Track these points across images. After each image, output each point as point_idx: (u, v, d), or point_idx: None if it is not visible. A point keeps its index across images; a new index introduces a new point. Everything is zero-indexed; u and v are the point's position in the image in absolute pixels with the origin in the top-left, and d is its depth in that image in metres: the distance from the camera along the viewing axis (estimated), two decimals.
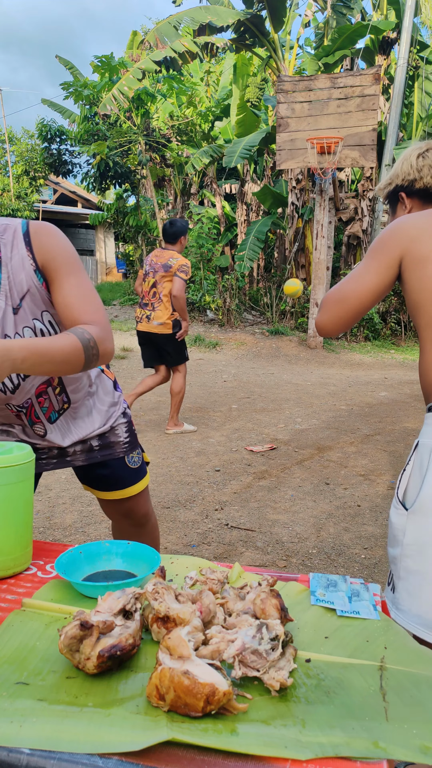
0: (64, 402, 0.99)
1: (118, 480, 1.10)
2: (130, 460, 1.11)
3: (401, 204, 0.98)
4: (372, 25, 7.59)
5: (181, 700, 0.49)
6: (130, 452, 1.11)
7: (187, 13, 7.93)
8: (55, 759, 0.45)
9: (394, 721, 0.51)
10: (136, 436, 1.13)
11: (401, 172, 0.96)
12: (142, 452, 1.15)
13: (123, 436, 1.10)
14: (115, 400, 1.09)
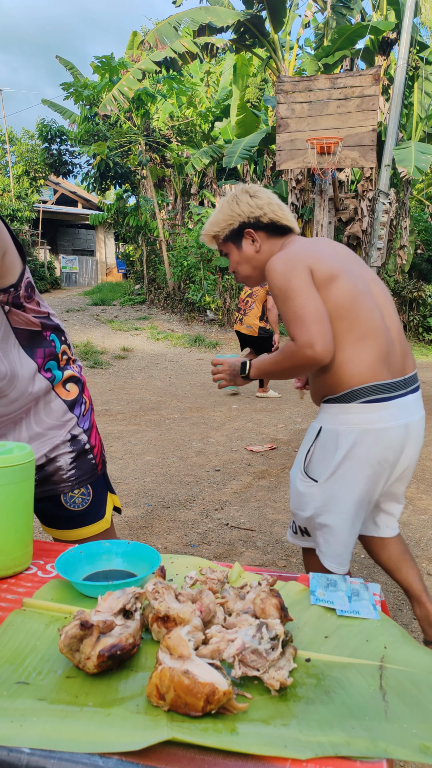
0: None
1: (56, 519, 0.92)
2: (67, 500, 0.90)
3: (248, 239, 1.18)
4: (372, 26, 7.59)
5: (181, 700, 0.49)
6: (70, 489, 0.90)
7: (187, 13, 7.93)
8: (55, 758, 0.46)
9: (393, 720, 0.51)
10: (90, 471, 0.92)
11: (243, 212, 1.16)
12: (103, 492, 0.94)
13: (66, 468, 0.89)
14: (61, 422, 0.89)
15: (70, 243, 17.38)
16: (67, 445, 0.90)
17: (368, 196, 8.23)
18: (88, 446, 0.93)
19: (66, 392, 0.90)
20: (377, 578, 1.93)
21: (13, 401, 0.84)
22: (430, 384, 5.75)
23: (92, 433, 0.94)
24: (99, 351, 6.79)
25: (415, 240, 9.47)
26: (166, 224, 10.01)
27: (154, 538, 2.16)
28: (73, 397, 0.91)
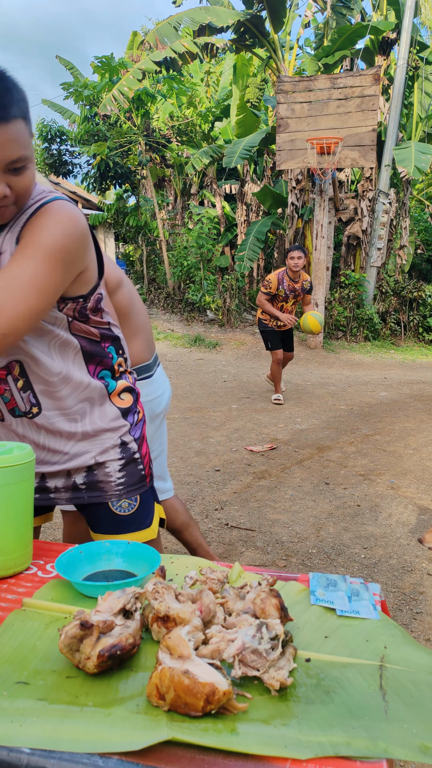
0: (33, 404, 0.84)
1: (102, 523, 0.92)
2: (116, 506, 0.90)
3: None
4: (372, 26, 7.60)
5: (181, 700, 0.49)
6: (119, 498, 0.90)
7: (187, 13, 7.93)
8: (55, 758, 0.46)
9: (393, 720, 0.51)
10: (139, 481, 0.92)
11: None
12: (151, 503, 0.94)
13: (115, 476, 0.90)
14: (113, 427, 0.89)
15: None
16: (117, 450, 0.90)
17: (368, 196, 8.23)
18: (137, 456, 0.92)
19: (120, 401, 0.92)
20: (377, 578, 1.93)
21: (62, 395, 0.86)
22: (430, 384, 5.75)
23: (143, 444, 0.94)
24: None
25: (415, 240, 9.48)
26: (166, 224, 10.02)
27: None
28: (127, 406, 0.92)
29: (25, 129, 0.69)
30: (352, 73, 6.90)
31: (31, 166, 0.71)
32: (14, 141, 0.67)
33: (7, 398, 0.85)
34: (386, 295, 8.47)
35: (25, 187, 0.72)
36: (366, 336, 8.18)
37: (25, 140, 0.68)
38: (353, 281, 7.99)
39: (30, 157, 0.70)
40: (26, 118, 0.69)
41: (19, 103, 0.68)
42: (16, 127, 0.67)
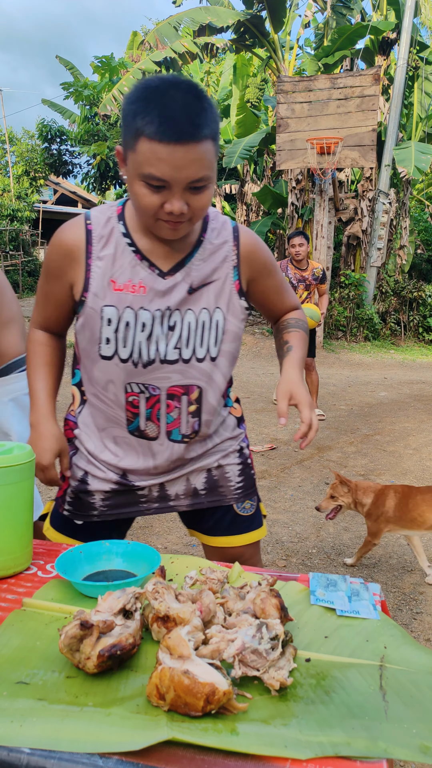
0: (195, 430, 0.84)
1: (226, 527, 0.93)
2: (240, 508, 0.93)
3: None
4: (372, 26, 7.60)
5: (181, 700, 0.49)
6: (242, 500, 0.93)
7: (187, 13, 7.93)
8: (55, 758, 0.46)
9: (393, 720, 0.51)
10: (253, 483, 0.95)
11: None
12: (259, 502, 0.97)
13: (235, 480, 0.92)
14: (234, 435, 0.93)
15: None
16: (236, 456, 0.93)
17: (368, 196, 8.23)
18: (249, 460, 0.96)
19: (235, 410, 0.95)
20: (377, 578, 1.93)
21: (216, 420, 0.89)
22: (430, 384, 5.76)
23: (249, 450, 0.99)
24: None
25: (415, 240, 9.48)
26: None
27: (154, 538, 2.16)
28: (240, 414, 0.96)
29: (212, 150, 0.68)
30: (352, 73, 6.90)
31: (211, 186, 0.71)
32: (200, 161, 0.67)
33: (172, 417, 0.83)
34: (386, 295, 8.47)
35: (202, 206, 0.71)
36: (366, 336, 8.18)
37: (210, 161, 0.68)
38: (353, 281, 7.99)
39: (212, 177, 0.70)
40: (215, 139, 0.69)
41: (211, 123, 0.67)
42: (204, 147, 0.67)
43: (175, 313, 0.79)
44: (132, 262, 0.78)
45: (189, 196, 0.69)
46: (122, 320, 0.78)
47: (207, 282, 0.80)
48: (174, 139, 0.65)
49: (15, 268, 10.60)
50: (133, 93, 0.68)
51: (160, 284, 0.78)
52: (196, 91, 0.67)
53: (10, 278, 10.69)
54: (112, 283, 0.78)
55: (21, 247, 11.13)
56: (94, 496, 0.88)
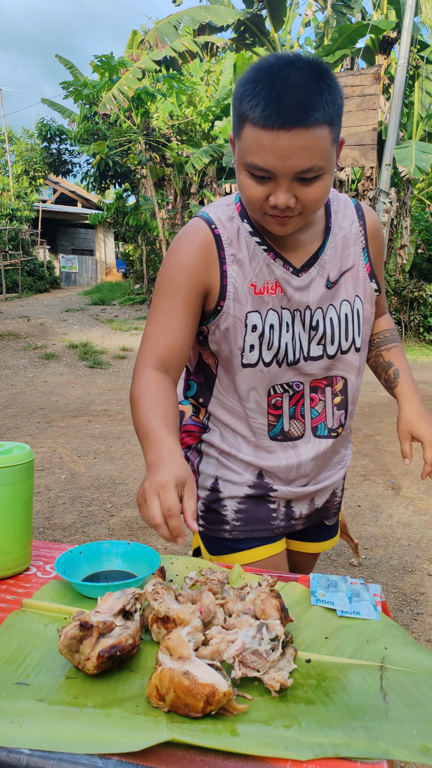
0: (341, 424, 0.79)
1: (317, 536, 0.90)
2: (329, 519, 0.90)
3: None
4: (372, 25, 7.59)
5: (181, 701, 0.49)
6: (336, 515, 0.90)
7: (187, 12, 7.93)
8: (54, 759, 0.45)
9: (394, 721, 0.50)
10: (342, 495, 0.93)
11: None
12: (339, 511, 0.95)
13: (339, 494, 0.89)
14: (350, 441, 0.89)
15: (69, 242, 17.38)
16: (344, 469, 0.89)
17: (369, 195, 8.23)
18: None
19: None
20: (378, 579, 1.93)
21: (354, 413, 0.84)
22: (430, 384, 5.75)
23: None
24: (99, 351, 6.79)
25: (415, 239, 9.47)
26: (165, 223, 10.01)
27: (154, 538, 2.16)
28: None
29: (326, 136, 0.60)
30: (352, 72, 6.89)
31: (326, 176, 0.63)
32: (310, 149, 0.59)
33: (317, 412, 0.78)
34: (387, 294, 8.46)
35: (313, 200, 0.63)
36: None
37: (323, 149, 0.60)
38: None
39: (326, 167, 0.61)
40: (333, 124, 0.61)
41: (327, 106, 0.59)
42: (316, 133, 0.59)
43: (316, 312, 0.74)
44: (266, 261, 0.72)
45: (297, 188, 0.62)
46: (266, 323, 0.72)
47: (344, 271, 0.75)
48: (278, 125, 0.57)
49: (14, 268, 10.60)
50: (245, 74, 0.61)
51: (295, 281, 0.73)
52: (314, 69, 0.59)
53: (10, 278, 10.70)
54: (252, 287, 0.72)
55: (20, 246, 11.13)
56: (227, 507, 0.81)
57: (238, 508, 0.81)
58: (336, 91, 0.62)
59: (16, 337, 7.04)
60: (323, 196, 0.64)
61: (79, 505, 2.45)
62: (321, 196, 0.63)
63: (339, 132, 0.64)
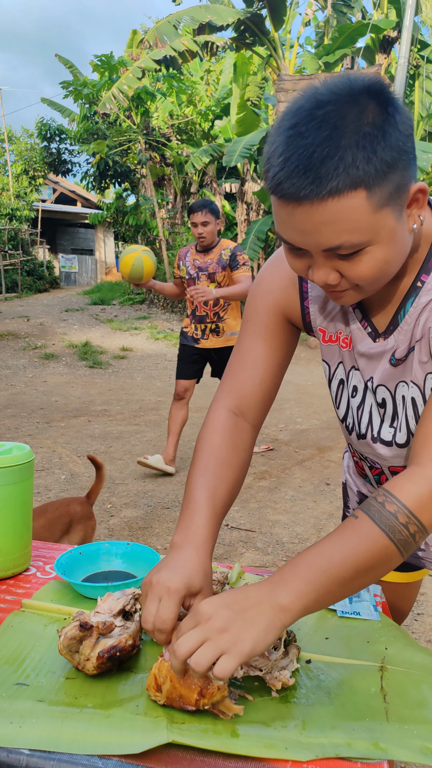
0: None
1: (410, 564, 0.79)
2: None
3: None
4: (372, 24, 7.58)
5: (177, 692, 0.49)
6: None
7: (187, 12, 7.92)
8: (54, 760, 0.45)
9: (394, 721, 0.50)
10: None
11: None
12: None
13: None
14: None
15: (69, 242, 17.36)
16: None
17: None
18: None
19: None
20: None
21: None
22: None
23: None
24: (98, 351, 6.79)
25: None
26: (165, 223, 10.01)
27: (154, 538, 2.16)
28: None
29: (361, 206, 0.45)
30: (352, 71, 6.87)
31: (375, 249, 0.47)
32: (332, 224, 0.45)
33: None
34: None
35: (362, 277, 0.49)
36: None
37: (355, 221, 0.45)
38: None
39: (366, 241, 0.46)
40: (370, 185, 0.44)
41: (357, 166, 0.43)
42: (339, 205, 0.44)
43: (379, 389, 0.60)
44: (343, 310, 0.60)
45: (339, 264, 0.49)
46: (336, 377, 0.63)
47: (415, 342, 0.56)
48: (287, 198, 0.45)
49: (14, 268, 10.59)
50: (273, 127, 0.49)
51: (367, 345, 0.59)
52: (344, 115, 0.44)
53: (9, 278, 10.69)
54: (321, 333, 0.62)
55: (20, 246, 11.12)
56: (350, 512, 0.80)
57: None
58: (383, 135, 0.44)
59: (15, 337, 7.04)
60: (378, 271, 0.49)
61: None
62: (372, 272, 0.49)
63: (396, 187, 0.46)
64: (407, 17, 7.48)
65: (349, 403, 0.63)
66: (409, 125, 0.47)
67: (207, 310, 2.66)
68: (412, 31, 7.58)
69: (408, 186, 0.48)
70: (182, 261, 2.69)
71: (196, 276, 2.64)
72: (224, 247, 2.63)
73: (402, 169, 0.46)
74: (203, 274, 2.62)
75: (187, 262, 2.67)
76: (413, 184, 0.48)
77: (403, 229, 0.49)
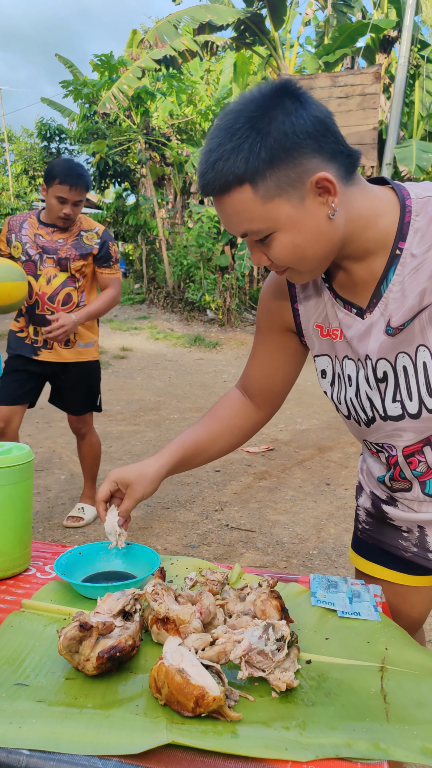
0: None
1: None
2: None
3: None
4: (373, 24, 7.58)
5: (174, 697, 0.49)
6: None
7: (187, 11, 7.92)
8: (54, 760, 0.45)
9: (394, 722, 0.50)
10: None
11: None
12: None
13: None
14: None
15: None
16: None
17: None
18: None
19: None
20: None
21: None
22: None
23: None
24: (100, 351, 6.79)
25: None
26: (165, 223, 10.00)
27: (154, 539, 2.16)
28: None
29: (248, 198, 0.52)
30: (353, 71, 6.89)
31: (281, 235, 0.54)
32: (234, 215, 0.54)
33: (419, 472, 0.66)
34: None
35: (280, 259, 0.55)
36: None
37: (249, 212, 0.52)
38: None
39: (267, 228, 0.53)
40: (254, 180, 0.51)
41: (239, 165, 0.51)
42: (234, 199, 0.52)
43: (379, 362, 0.61)
44: (330, 302, 0.63)
45: (263, 249, 0.56)
46: (335, 372, 0.66)
47: (415, 314, 0.57)
48: (205, 196, 0.55)
49: None
50: None
51: (358, 325, 0.61)
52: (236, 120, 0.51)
53: None
54: (318, 329, 0.66)
55: None
56: (360, 509, 0.78)
57: (364, 519, 0.78)
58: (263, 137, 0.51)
59: None
60: (290, 254, 0.55)
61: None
62: (286, 255, 0.55)
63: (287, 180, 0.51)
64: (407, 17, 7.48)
65: (346, 394, 0.66)
66: (313, 123, 0.53)
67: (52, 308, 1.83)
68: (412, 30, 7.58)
69: (307, 177, 0.52)
70: (16, 234, 1.82)
71: (38, 259, 1.81)
72: (86, 228, 1.85)
73: (290, 162, 0.51)
74: (49, 258, 1.81)
75: (24, 237, 1.81)
76: (315, 175, 0.52)
77: (312, 216, 0.53)
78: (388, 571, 0.76)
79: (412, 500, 0.69)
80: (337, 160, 0.54)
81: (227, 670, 0.57)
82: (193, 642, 0.54)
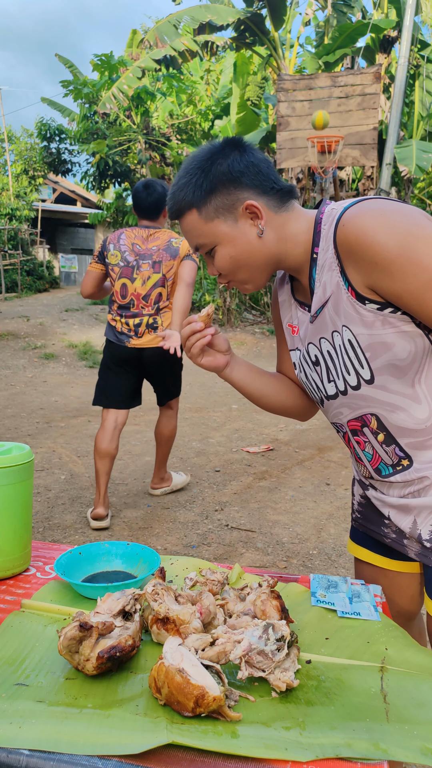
0: (401, 458, 0.70)
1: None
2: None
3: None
4: (373, 24, 7.58)
5: (174, 697, 0.49)
6: None
7: (187, 11, 7.92)
8: (54, 760, 0.45)
9: (394, 722, 0.50)
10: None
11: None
12: None
13: None
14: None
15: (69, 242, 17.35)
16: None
17: (369, 194, 8.22)
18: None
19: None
20: None
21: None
22: None
23: None
24: (98, 351, 6.78)
25: None
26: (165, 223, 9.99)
27: (154, 539, 2.16)
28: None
29: (196, 219, 0.69)
30: (353, 71, 6.89)
31: (221, 248, 0.70)
32: (188, 232, 0.71)
33: (369, 454, 0.73)
34: None
35: (221, 267, 0.72)
36: None
37: (199, 230, 0.69)
38: None
39: (211, 242, 0.70)
40: (198, 206, 0.69)
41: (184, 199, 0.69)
42: (186, 220, 0.70)
43: (310, 347, 0.74)
44: (294, 305, 0.78)
45: (210, 260, 0.72)
46: (298, 367, 0.79)
47: (323, 303, 0.69)
48: (170, 218, 0.75)
49: (14, 268, 10.59)
50: None
51: (305, 319, 0.76)
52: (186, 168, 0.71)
53: (9, 277, 10.69)
54: (290, 328, 0.79)
55: (20, 246, 11.12)
56: (355, 496, 0.85)
57: (358, 506, 0.85)
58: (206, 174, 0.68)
59: (15, 336, 7.04)
60: (228, 264, 0.71)
61: (79, 506, 2.44)
62: (225, 264, 0.71)
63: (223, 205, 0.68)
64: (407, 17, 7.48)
65: (307, 380, 0.77)
66: (246, 165, 0.68)
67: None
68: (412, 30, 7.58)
69: (239, 204, 0.68)
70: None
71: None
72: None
73: (225, 192, 0.68)
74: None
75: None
76: (245, 202, 0.68)
77: (244, 234, 0.69)
78: (376, 556, 0.82)
79: (380, 482, 0.76)
80: (268, 193, 0.69)
81: (227, 670, 0.57)
82: (193, 642, 0.54)
